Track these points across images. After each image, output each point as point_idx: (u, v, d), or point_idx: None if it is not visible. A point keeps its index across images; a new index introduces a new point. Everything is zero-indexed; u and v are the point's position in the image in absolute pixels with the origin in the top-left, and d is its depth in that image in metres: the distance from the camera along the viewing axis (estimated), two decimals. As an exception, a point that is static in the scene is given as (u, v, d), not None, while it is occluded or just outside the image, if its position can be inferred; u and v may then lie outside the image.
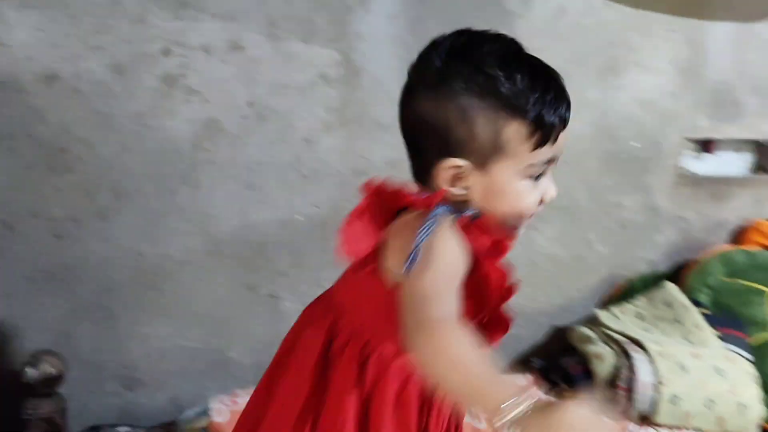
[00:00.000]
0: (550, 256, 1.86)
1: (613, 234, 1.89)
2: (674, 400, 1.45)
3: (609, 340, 1.61)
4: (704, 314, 1.70)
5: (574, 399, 0.54)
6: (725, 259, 1.83)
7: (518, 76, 0.70)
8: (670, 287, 1.75)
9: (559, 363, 1.71)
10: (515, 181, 0.73)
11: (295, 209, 1.62)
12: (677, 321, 1.67)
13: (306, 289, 1.61)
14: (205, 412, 1.43)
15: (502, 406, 0.54)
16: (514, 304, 0.79)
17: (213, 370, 1.62)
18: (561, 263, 1.88)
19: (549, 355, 1.82)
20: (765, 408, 1.51)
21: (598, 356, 1.58)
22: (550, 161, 0.74)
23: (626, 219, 1.89)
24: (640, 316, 1.73)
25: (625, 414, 1.50)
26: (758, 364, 1.64)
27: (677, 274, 1.88)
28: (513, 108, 0.69)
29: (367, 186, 0.77)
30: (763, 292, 1.78)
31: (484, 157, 0.71)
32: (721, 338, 1.64)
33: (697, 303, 1.75)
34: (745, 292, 1.78)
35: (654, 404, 1.47)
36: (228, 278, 1.60)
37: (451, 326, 0.62)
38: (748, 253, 1.86)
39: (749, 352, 1.64)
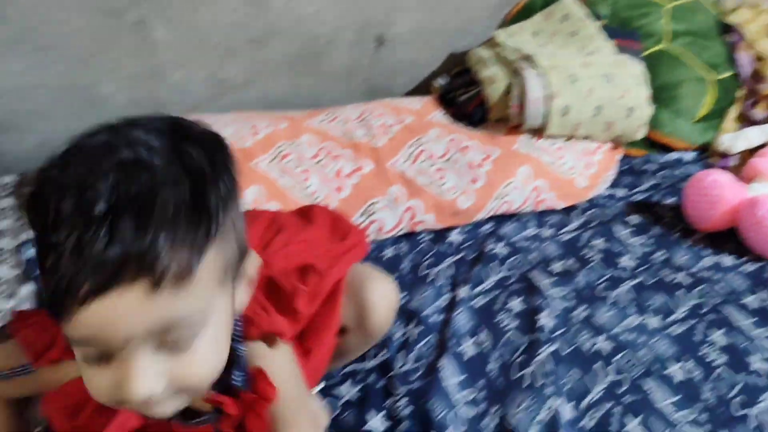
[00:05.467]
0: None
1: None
2: (565, 110, 1.45)
3: (504, 61, 1.56)
4: (603, 26, 1.63)
5: None
6: (626, -28, 1.75)
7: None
8: (568, 1, 1.66)
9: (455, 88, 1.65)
10: (80, 365, 0.53)
11: None
12: (574, 33, 1.60)
13: (179, 15, 1.43)
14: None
15: None
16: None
17: (83, 109, 1.48)
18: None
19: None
20: (650, 109, 1.52)
21: (491, 79, 1.52)
22: (87, 344, 0.50)
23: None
24: (536, 33, 1.66)
25: (519, 130, 1.51)
26: (649, 73, 1.64)
27: (580, -11, 1.79)
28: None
29: None
30: (660, 6, 1.74)
31: None
32: (618, 49, 1.58)
33: (597, 16, 1.68)
34: (643, 5, 1.72)
35: (545, 117, 1.46)
36: (82, 1, 1.37)
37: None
38: (648, -35, 1.78)
39: (642, 62, 1.62)
